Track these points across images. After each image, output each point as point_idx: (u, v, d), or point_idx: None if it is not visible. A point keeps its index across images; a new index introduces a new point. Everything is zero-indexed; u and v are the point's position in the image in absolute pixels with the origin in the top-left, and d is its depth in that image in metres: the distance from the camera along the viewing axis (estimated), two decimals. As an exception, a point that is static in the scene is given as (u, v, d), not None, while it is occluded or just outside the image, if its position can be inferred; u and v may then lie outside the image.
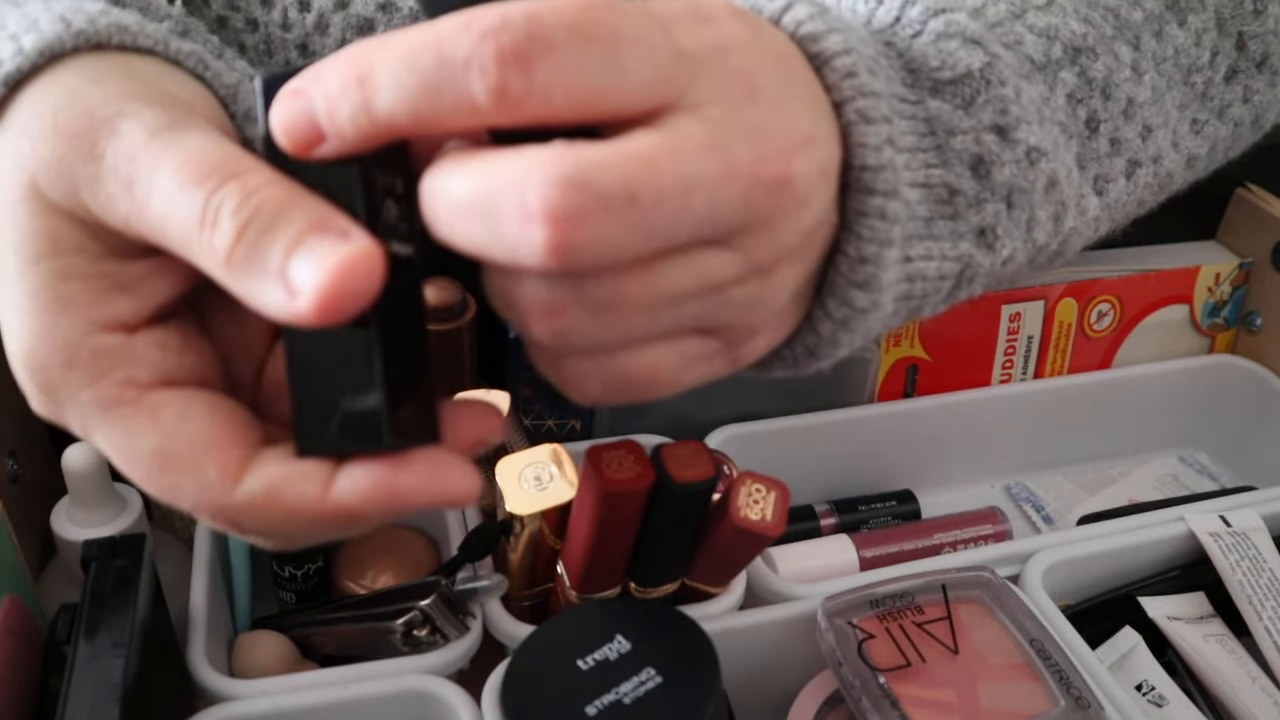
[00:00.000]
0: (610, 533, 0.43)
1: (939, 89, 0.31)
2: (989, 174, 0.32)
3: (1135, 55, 0.37)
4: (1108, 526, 0.58)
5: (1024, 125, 0.32)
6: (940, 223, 0.32)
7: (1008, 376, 0.68)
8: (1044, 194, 0.33)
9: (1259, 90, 0.41)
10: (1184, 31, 0.38)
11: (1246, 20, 0.40)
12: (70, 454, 0.48)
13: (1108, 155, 0.36)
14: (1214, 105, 0.40)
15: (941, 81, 0.31)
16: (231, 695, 0.45)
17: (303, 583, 0.53)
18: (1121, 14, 0.36)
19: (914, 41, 0.32)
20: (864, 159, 0.29)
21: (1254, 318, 0.71)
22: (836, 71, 0.28)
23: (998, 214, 0.33)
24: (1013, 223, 0.33)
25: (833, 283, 0.30)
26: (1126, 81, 0.36)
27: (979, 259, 0.33)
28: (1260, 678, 0.52)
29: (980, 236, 0.33)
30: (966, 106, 0.31)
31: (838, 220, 0.30)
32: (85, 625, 0.39)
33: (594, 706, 0.40)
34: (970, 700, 0.44)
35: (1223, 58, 0.40)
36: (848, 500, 0.63)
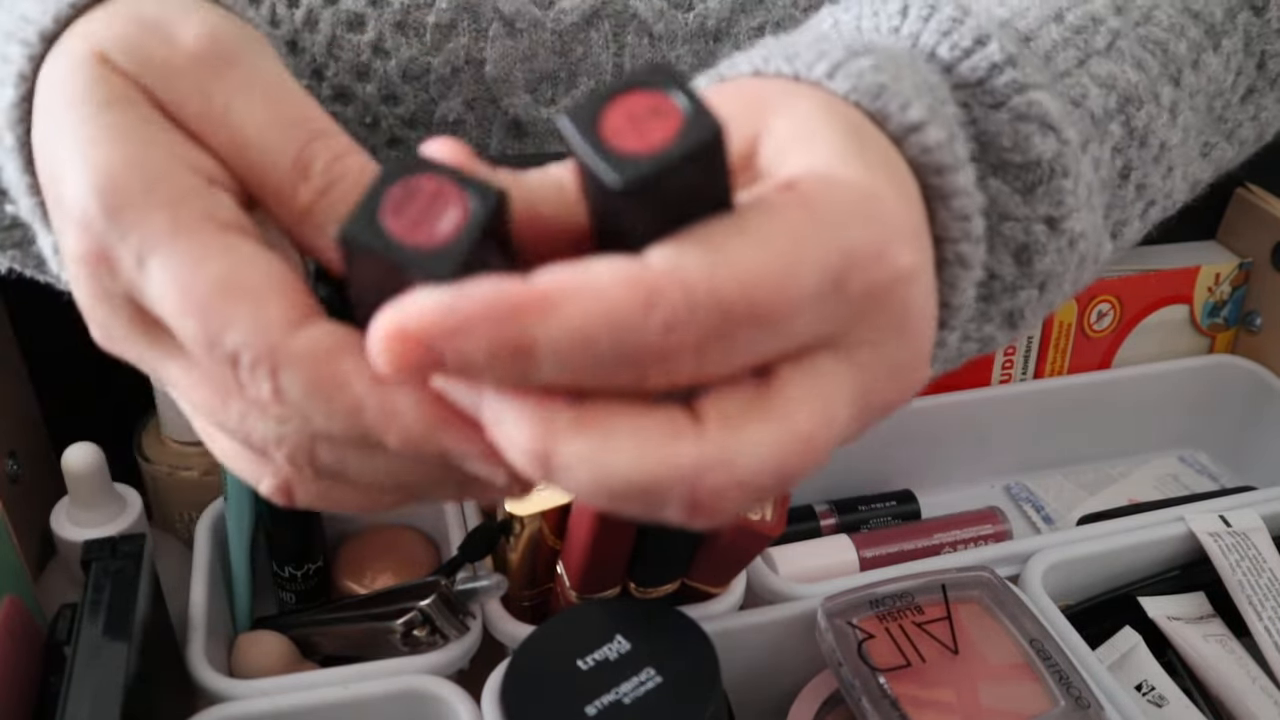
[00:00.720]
0: (610, 533, 0.43)
1: (1003, 168, 0.30)
2: (1030, 262, 0.31)
3: (1175, 95, 0.35)
4: (1108, 526, 0.58)
5: (1074, 215, 0.31)
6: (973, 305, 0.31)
7: (1008, 376, 0.68)
8: (1074, 271, 0.33)
9: (1267, 108, 0.40)
10: (1218, 57, 0.37)
11: (1270, 39, 0.39)
12: (70, 454, 0.48)
13: (1132, 201, 0.35)
14: (1226, 128, 0.40)
15: (1009, 163, 0.30)
16: (231, 695, 0.45)
17: (303, 583, 0.53)
18: (1169, 48, 0.35)
19: (991, 113, 0.30)
20: (948, 298, 0.28)
21: (1254, 318, 0.71)
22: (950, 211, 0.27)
23: (1030, 299, 0.32)
24: (1041, 305, 0.32)
25: None
26: (1163, 127, 0.35)
27: (1000, 339, 0.33)
28: (1260, 678, 0.52)
29: (1007, 318, 0.32)
30: (1025, 194, 0.30)
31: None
32: (85, 625, 0.39)
33: (594, 706, 0.40)
34: (970, 700, 0.44)
35: (1243, 78, 0.39)
36: (848, 500, 0.63)
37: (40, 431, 0.58)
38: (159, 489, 0.56)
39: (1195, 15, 0.36)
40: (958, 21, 0.30)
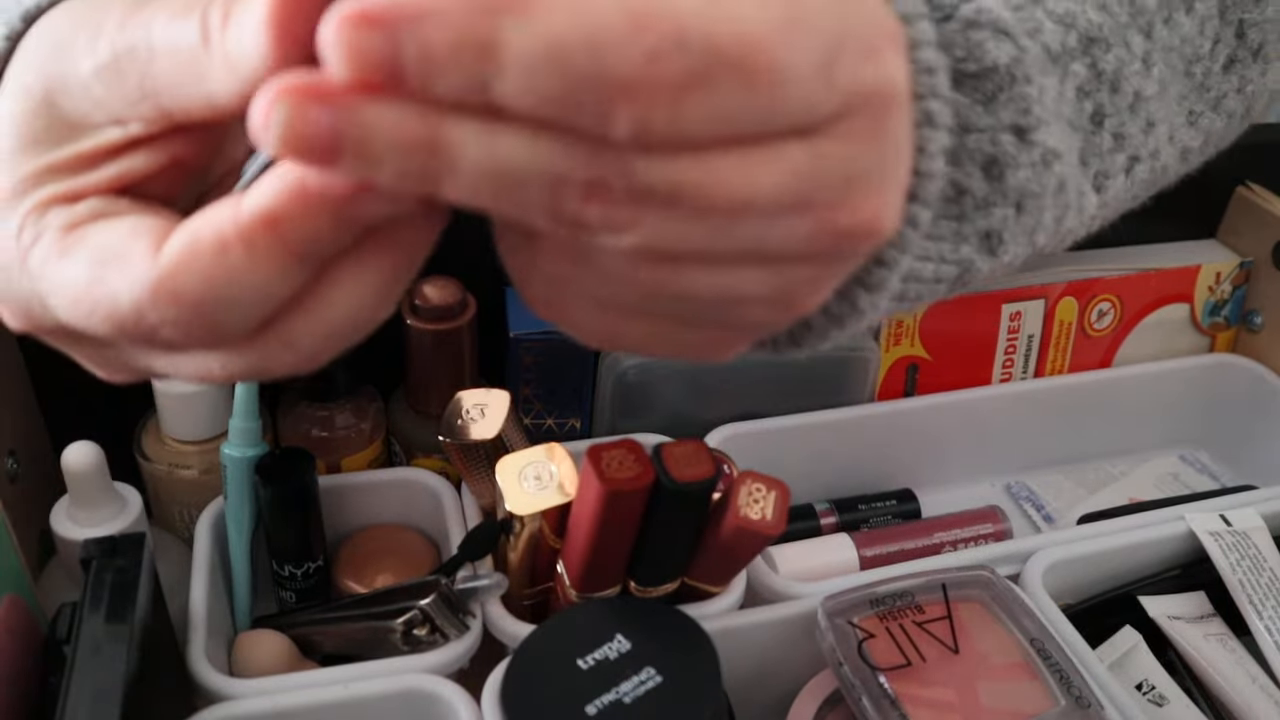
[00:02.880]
0: (610, 532, 0.43)
1: (961, 81, 0.30)
2: (1002, 176, 0.31)
3: (1147, 46, 0.35)
4: (1108, 526, 0.58)
5: (1044, 126, 0.31)
6: (943, 222, 0.31)
7: (1008, 375, 0.68)
8: (1053, 197, 0.32)
9: (1252, 80, 0.40)
10: (1190, 19, 0.37)
11: (1248, 7, 0.39)
12: (70, 453, 0.48)
13: (1110, 151, 0.35)
14: (1211, 97, 0.39)
15: (965, 74, 0.30)
16: (231, 695, 0.45)
17: (303, 582, 0.53)
18: (1136, 1, 0.35)
19: (942, 26, 0.30)
20: (917, 162, 0.27)
21: (1254, 317, 0.71)
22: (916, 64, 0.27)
23: (1005, 219, 0.31)
24: (1020, 228, 0.32)
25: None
26: (1135, 74, 0.35)
27: (979, 264, 0.32)
28: (1260, 677, 0.52)
29: (984, 240, 0.32)
30: (987, 103, 0.30)
31: None
32: (85, 625, 0.39)
33: (594, 706, 0.40)
34: (970, 699, 0.44)
35: (1223, 46, 0.39)
36: (848, 499, 0.63)
37: (40, 431, 0.58)
38: (159, 488, 0.56)
39: None
40: None
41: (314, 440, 0.57)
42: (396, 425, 0.60)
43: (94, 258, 0.25)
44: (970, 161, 0.30)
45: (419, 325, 0.55)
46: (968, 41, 0.29)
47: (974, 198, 0.31)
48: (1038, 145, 0.31)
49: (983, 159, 0.30)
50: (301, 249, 0.23)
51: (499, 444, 0.49)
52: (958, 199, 0.31)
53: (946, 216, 0.31)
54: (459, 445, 0.50)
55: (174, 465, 0.55)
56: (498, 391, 0.51)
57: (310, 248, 0.23)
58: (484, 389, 0.51)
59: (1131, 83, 0.35)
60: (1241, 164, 0.45)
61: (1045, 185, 0.32)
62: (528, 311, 0.60)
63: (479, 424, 0.49)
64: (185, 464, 0.55)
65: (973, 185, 0.30)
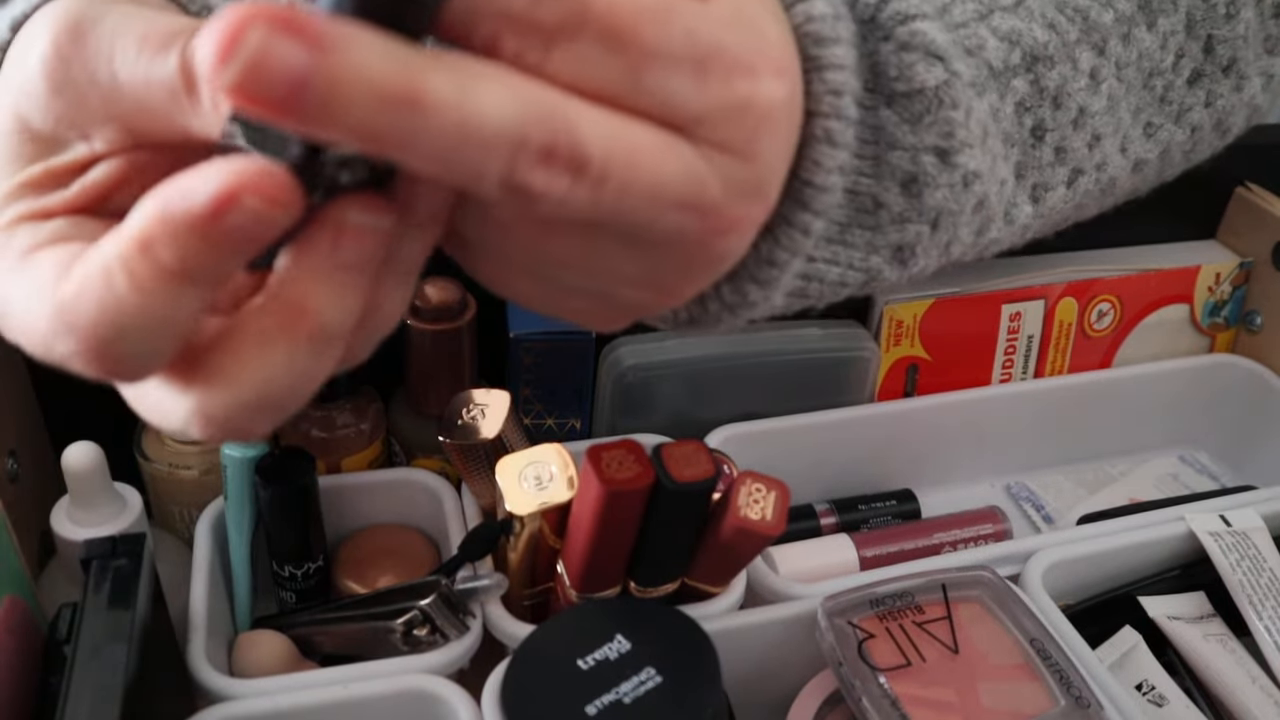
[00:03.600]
0: (610, 532, 0.43)
1: (893, 100, 0.31)
2: (920, 195, 0.31)
3: (1097, 62, 0.36)
4: (1108, 526, 0.58)
5: (965, 150, 0.32)
6: (857, 231, 0.32)
7: (1008, 376, 0.68)
8: (970, 214, 0.33)
9: (1222, 95, 0.40)
10: (1152, 34, 0.37)
11: (1218, 24, 0.39)
12: (70, 454, 0.48)
13: (1050, 164, 0.36)
14: (1172, 110, 0.40)
15: (897, 93, 0.31)
16: (231, 695, 0.45)
17: (303, 582, 0.53)
18: (1091, 16, 0.36)
19: (880, 45, 0.31)
20: (811, 175, 0.28)
21: (1254, 317, 0.71)
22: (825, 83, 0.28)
23: (919, 234, 0.32)
24: (933, 243, 0.33)
25: (733, 270, 0.30)
26: (1081, 91, 0.36)
27: (888, 273, 0.33)
28: (1260, 678, 0.52)
29: (896, 252, 0.32)
30: (913, 123, 0.31)
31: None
32: (85, 625, 0.39)
33: (594, 706, 0.40)
34: (970, 700, 0.44)
35: (1188, 60, 0.39)
36: (848, 500, 0.63)
37: (40, 431, 0.58)
38: (159, 488, 0.56)
39: None
40: None
41: (314, 440, 0.57)
42: (396, 425, 0.60)
43: (31, 285, 0.25)
44: (890, 177, 0.31)
45: (419, 325, 0.55)
46: (900, 62, 0.30)
47: (890, 212, 0.32)
48: (959, 167, 0.32)
49: (903, 176, 0.31)
50: (184, 272, 0.22)
51: (499, 444, 0.49)
52: (874, 211, 0.32)
53: (862, 226, 0.32)
54: (459, 445, 0.50)
55: (174, 465, 0.55)
56: (498, 391, 0.51)
57: (194, 271, 0.22)
58: (484, 389, 0.51)
59: (1076, 99, 0.36)
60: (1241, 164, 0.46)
61: (963, 204, 0.33)
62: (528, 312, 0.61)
63: (479, 424, 0.49)
64: (185, 464, 0.55)
65: (890, 200, 0.31)
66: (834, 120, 0.28)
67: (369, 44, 0.19)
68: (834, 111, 0.28)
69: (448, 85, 0.20)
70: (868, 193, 0.31)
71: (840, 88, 0.28)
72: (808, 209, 0.29)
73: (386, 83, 0.19)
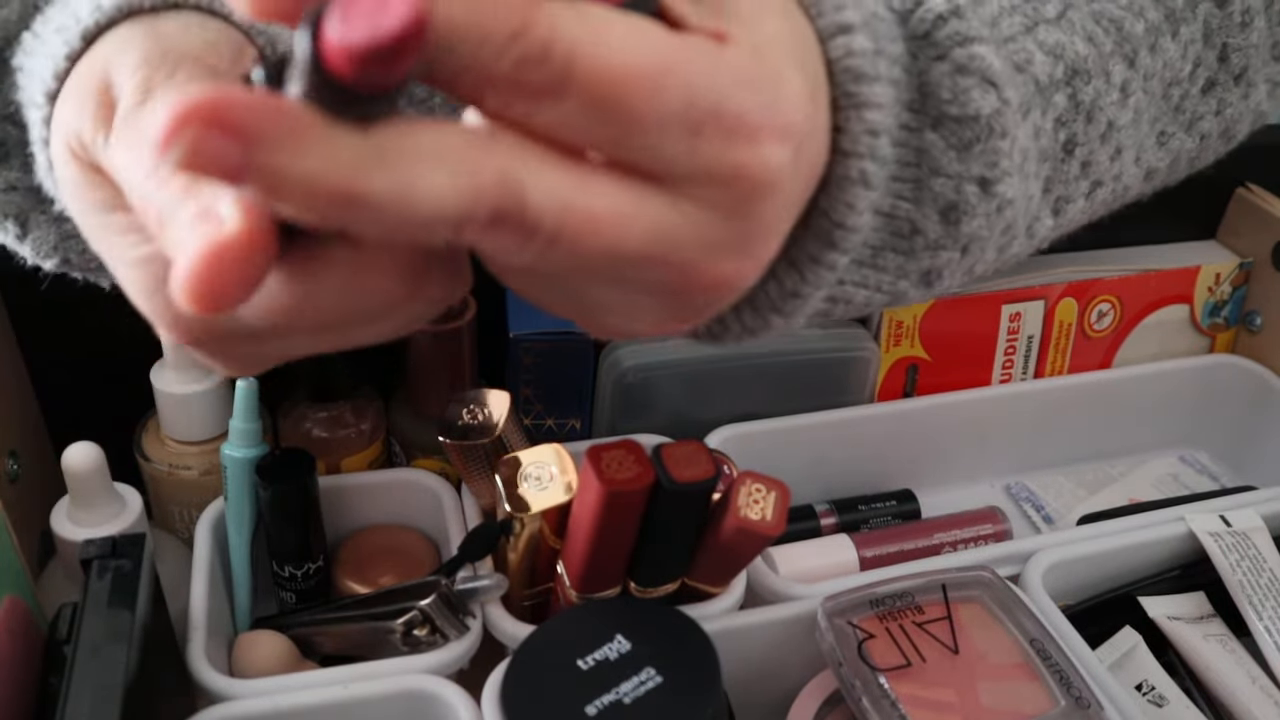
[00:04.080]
0: (610, 533, 0.43)
1: (941, 122, 0.30)
2: (958, 222, 0.31)
3: (1127, 75, 0.35)
4: (1108, 526, 0.58)
5: (1006, 179, 0.31)
6: (889, 255, 0.31)
7: (1008, 376, 0.68)
8: (999, 237, 0.33)
9: (1232, 103, 0.40)
10: (1175, 44, 0.37)
11: (1233, 32, 0.39)
12: (70, 454, 0.48)
13: (1075, 178, 0.35)
14: (1185, 118, 0.39)
15: (947, 116, 0.30)
16: (231, 695, 0.45)
17: (303, 583, 0.53)
18: (1125, 27, 0.35)
19: (934, 65, 0.30)
20: (843, 217, 0.28)
21: (1254, 317, 0.71)
22: (863, 123, 0.27)
23: (950, 260, 0.32)
24: (960, 266, 0.32)
25: (756, 298, 0.30)
26: (1112, 105, 0.35)
27: (913, 295, 0.32)
28: (1260, 678, 0.52)
29: (924, 276, 0.32)
30: (960, 150, 0.30)
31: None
32: (85, 625, 0.39)
33: (594, 706, 0.40)
34: (970, 700, 0.44)
35: (1203, 69, 0.39)
36: (848, 500, 0.63)
37: (40, 431, 0.58)
38: (159, 488, 0.56)
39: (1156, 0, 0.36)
40: None
41: (314, 441, 0.57)
42: (396, 425, 0.60)
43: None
44: (931, 204, 0.30)
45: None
46: (955, 86, 0.29)
47: (926, 238, 0.31)
48: (998, 196, 0.31)
49: (944, 203, 0.30)
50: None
51: (499, 444, 0.49)
52: (909, 236, 0.31)
53: (895, 250, 0.31)
54: (459, 445, 0.50)
55: (174, 465, 0.55)
56: (498, 392, 0.51)
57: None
58: (484, 389, 0.51)
59: (1106, 113, 0.35)
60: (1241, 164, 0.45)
61: (994, 230, 0.32)
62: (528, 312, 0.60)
63: (479, 424, 0.49)
64: (185, 464, 0.55)
65: (928, 227, 0.31)
66: (869, 161, 0.27)
67: (307, 143, 0.20)
68: (870, 152, 0.27)
69: (386, 183, 0.20)
70: (905, 218, 0.30)
71: (878, 128, 0.27)
72: (836, 249, 0.28)
73: (322, 182, 0.20)
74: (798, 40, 0.25)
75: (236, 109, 0.19)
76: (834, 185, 0.27)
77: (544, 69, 0.21)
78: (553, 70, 0.21)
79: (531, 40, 0.20)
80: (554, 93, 0.21)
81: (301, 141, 0.19)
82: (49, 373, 0.58)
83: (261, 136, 0.19)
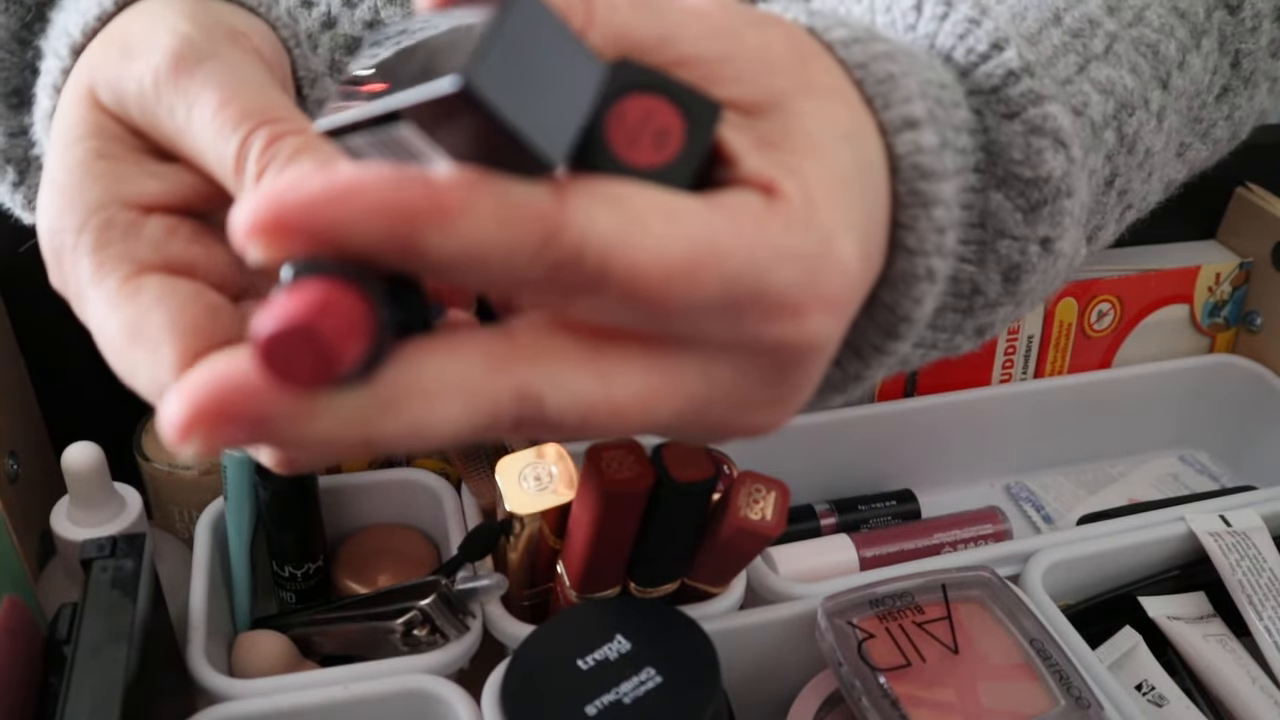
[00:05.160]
0: (610, 532, 0.43)
1: (1008, 182, 0.29)
2: (1018, 280, 0.30)
3: (1164, 100, 0.34)
4: (1108, 526, 0.58)
5: (1066, 236, 0.30)
6: (949, 315, 0.30)
7: (1008, 376, 0.68)
8: (1048, 285, 0.32)
9: (1240, 106, 0.40)
10: (1199, 57, 0.36)
11: (1244, 38, 0.38)
12: (70, 454, 0.48)
13: (1113, 207, 0.35)
14: (1201, 128, 0.39)
15: (1017, 177, 0.29)
16: (231, 695, 0.45)
17: (303, 582, 0.53)
18: (1160, 50, 0.34)
19: (1004, 124, 0.29)
20: (909, 312, 0.27)
21: (1254, 317, 0.71)
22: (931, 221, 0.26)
23: (1006, 315, 0.31)
24: (1012, 316, 0.32)
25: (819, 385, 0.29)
26: (1150, 132, 0.34)
27: (965, 347, 0.32)
28: (1260, 678, 0.52)
29: (978, 331, 0.31)
30: (1027, 212, 0.29)
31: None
32: (85, 625, 0.39)
33: (594, 706, 0.40)
34: (970, 700, 0.44)
35: (1218, 78, 0.38)
36: (848, 500, 0.63)
37: (40, 431, 0.58)
38: (159, 488, 0.56)
39: (1182, 15, 0.36)
40: (974, 23, 0.29)
41: (314, 440, 0.57)
42: (396, 425, 0.60)
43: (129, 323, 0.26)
44: (995, 266, 0.30)
45: (419, 325, 0.55)
46: (1028, 147, 0.29)
47: (986, 298, 0.30)
48: (1057, 254, 0.30)
49: (1007, 265, 0.30)
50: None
51: (499, 444, 0.49)
52: (970, 296, 0.30)
53: (955, 310, 0.30)
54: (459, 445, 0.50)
55: (174, 465, 0.55)
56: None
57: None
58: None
59: (1145, 141, 0.34)
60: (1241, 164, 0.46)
61: (1049, 282, 0.31)
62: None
63: (479, 424, 0.49)
64: (185, 465, 0.55)
65: (990, 289, 0.30)
66: (936, 258, 0.26)
67: (311, 414, 0.20)
68: (937, 250, 0.26)
69: (397, 428, 0.20)
70: (968, 280, 0.30)
71: (945, 224, 0.26)
72: (901, 339, 0.28)
73: (334, 443, 0.20)
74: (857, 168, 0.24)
75: (239, 403, 0.19)
76: (899, 281, 0.27)
77: (577, 272, 0.20)
78: (586, 273, 0.20)
79: (561, 248, 0.20)
80: (589, 291, 0.21)
81: (306, 413, 0.20)
82: (49, 373, 0.58)
83: (265, 420, 0.20)
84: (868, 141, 0.25)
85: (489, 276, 0.20)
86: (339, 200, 0.19)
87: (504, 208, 0.20)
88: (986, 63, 0.29)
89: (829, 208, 0.23)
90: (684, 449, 0.42)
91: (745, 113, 0.23)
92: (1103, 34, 0.33)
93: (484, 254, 0.20)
